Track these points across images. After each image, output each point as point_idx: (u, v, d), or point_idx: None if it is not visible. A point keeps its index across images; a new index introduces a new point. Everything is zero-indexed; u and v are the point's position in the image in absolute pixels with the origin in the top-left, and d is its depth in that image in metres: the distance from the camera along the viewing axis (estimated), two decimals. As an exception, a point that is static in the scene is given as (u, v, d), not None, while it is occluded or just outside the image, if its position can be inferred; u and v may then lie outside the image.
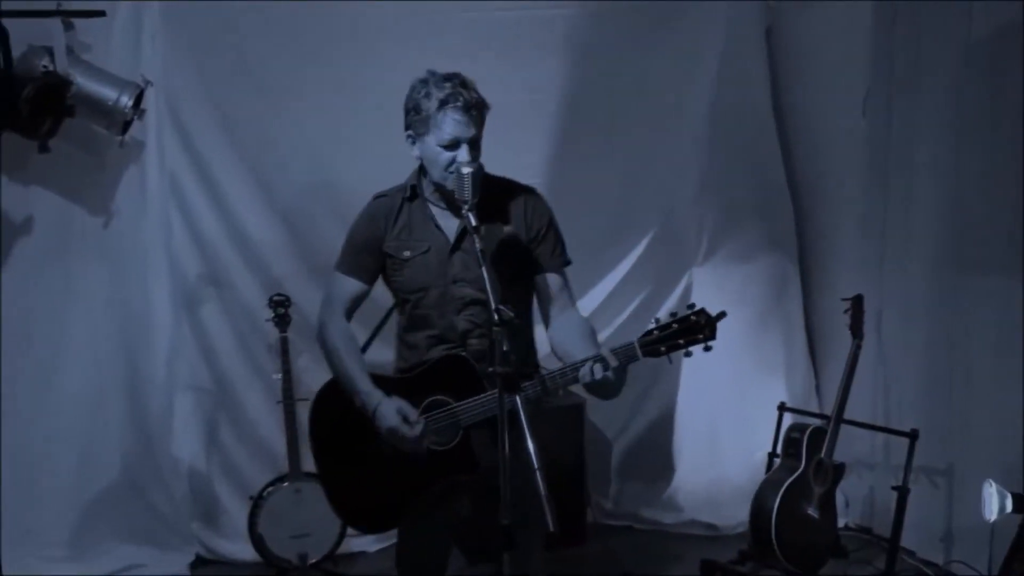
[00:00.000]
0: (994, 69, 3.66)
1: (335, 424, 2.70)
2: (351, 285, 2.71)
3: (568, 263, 2.73)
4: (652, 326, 2.40)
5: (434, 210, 2.66)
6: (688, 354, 2.39)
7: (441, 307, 2.63)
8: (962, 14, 3.80)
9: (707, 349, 2.38)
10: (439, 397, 2.57)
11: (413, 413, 2.54)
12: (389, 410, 2.53)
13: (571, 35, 4.47)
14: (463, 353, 2.58)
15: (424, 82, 2.55)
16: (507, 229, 2.61)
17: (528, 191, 2.71)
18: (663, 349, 2.37)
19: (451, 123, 2.50)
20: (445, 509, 2.68)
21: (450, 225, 2.64)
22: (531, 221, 2.65)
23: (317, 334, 2.74)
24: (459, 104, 2.49)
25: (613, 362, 2.36)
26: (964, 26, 3.80)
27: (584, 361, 2.40)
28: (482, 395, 2.51)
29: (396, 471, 2.60)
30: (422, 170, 2.67)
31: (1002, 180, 3.65)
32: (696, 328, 2.36)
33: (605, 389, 2.44)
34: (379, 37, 4.24)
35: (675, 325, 2.37)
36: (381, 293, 2.84)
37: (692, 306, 2.39)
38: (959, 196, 3.91)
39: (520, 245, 2.62)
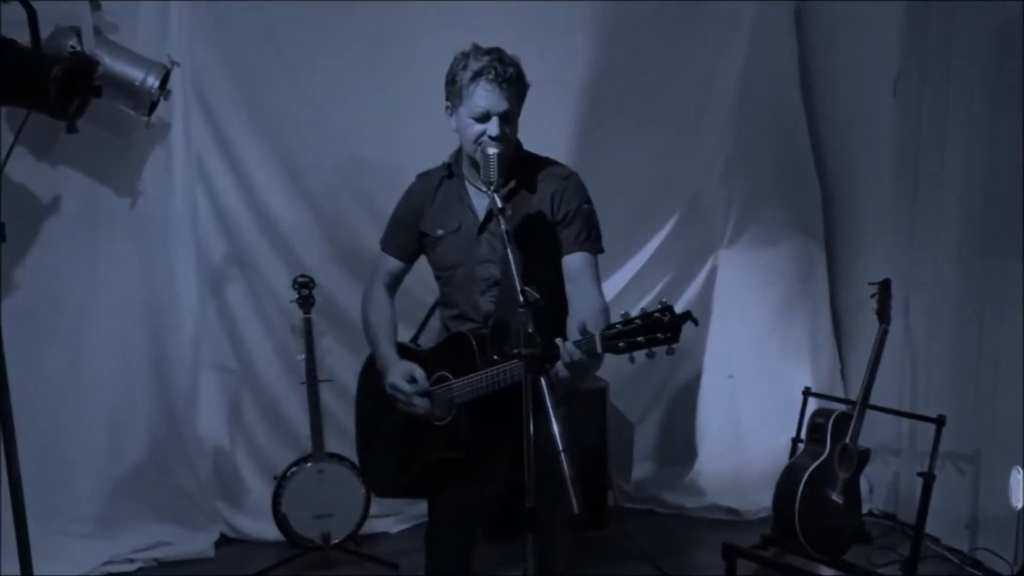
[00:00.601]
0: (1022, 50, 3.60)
1: (370, 394, 2.84)
2: (390, 262, 2.83)
3: (599, 250, 2.68)
4: (617, 320, 2.16)
5: (469, 189, 2.66)
6: (651, 355, 2.11)
7: (467, 286, 2.65)
8: (995, -3, 3.75)
9: (670, 352, 2.10)
10: (443, 373, 2.61)
11: (422, 376, 2.61)
12: (397, 370, 2.64)
13: (599, 16, 4.45)
14: (468, 331, 2.60)
15: (465, 55, 2.55)
16: (534, 210, 2.60)
17: (565, 175, 2.68)
18: (622, 345, 2.11)
19: (482, 94, 2.50)
20: (475, 490, 2.70)
21: (482, 204, 2.64)
22: (559, 203, 2.62)
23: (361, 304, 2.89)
24: (491, 76, 2.48)
25: (576, 355, 2.22)
26: (997, 7, 3.75)
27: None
28: (474, 374, 2.49)
29: (403, 441, 2.70)
30: (460, 149, 2.67)
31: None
32: (658, 326, 2.07)
33: (570, 382, 2.30)
34: (407, 18, 4.24)
35: (638, 321, 2.10)
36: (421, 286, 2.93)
37: (663, 303, 2.11)
38: (989, 180, 3.87)
39: (544, 226, 2.60)
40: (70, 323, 4.10)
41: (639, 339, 2.09)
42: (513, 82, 2.52)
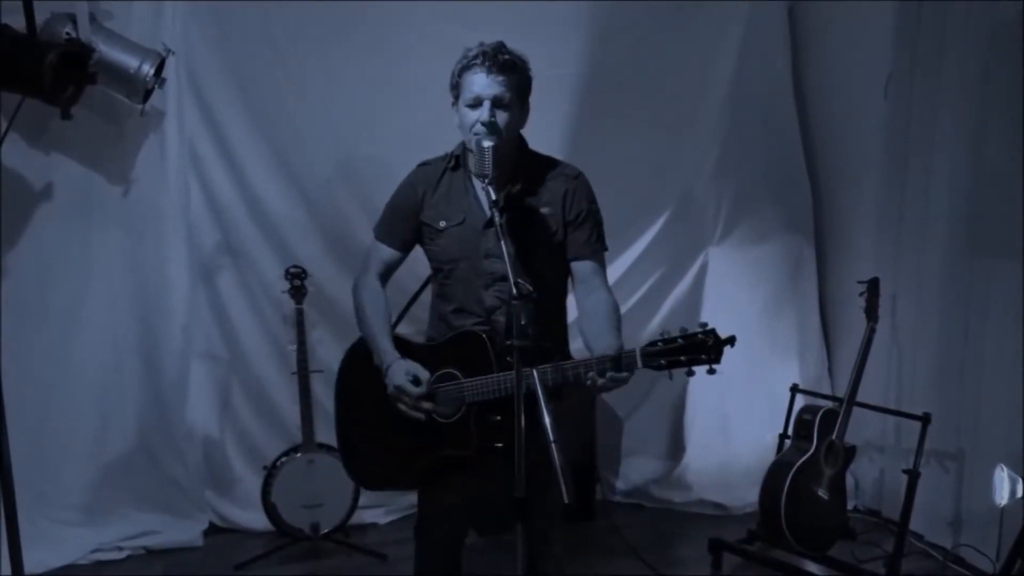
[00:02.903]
0: (1020, 51, 3.62)
1: (357, 381, 2.75)
2: (384, 251, 2.74)
3: (606, 249, 2.74)
4: (657, 337, 2.32)
5: (476, 182, 2.61)
6: (691, 373, 2.30)
7: (471, 280, 2.62)
8: (988, -1, 3.77)
9: (711, 372, 2.29)
10: (450, 370, 2.58)
11: (424, 375, 2.56)
12: (399, 369, 2.56)
13: (594, 13, 4.46)
14: (480, 331, 2.57)
15: (467, 49, 2.55)
16: (544, 210, 2.59)
17: (574, 175, 2.69)
18: (664, 363, 2.28)
19: (473, 80, 2.50)
20: (463, 485, 2.70)
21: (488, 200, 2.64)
22: (570, 204, 2.63)
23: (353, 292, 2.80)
24: (480, 62, 2.49)
25: (616, 371, 2.32)
26: (990, 9, 3.77)
27: (588, 362, 2.37)
28: (488, 375, 2.50)
29: (399, 435, 2.63)
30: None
31: (1020, 167, 3.63)
32: (701, 347, 2.26)
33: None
34: (403, 12, 4.24)
35: (680, 340, 2.27)
36: (417, 266, 2.87)
37: (704, 325, 2.29)
38: (978, 181, 3.90)
39: (554, 225, 2.60)
40: (60, 310, 4.10)
41: (681, 358, 2.26)
42: (506, 69, 2.50)
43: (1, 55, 3.39)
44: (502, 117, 2.49)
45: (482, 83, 2.49)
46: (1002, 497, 3.36)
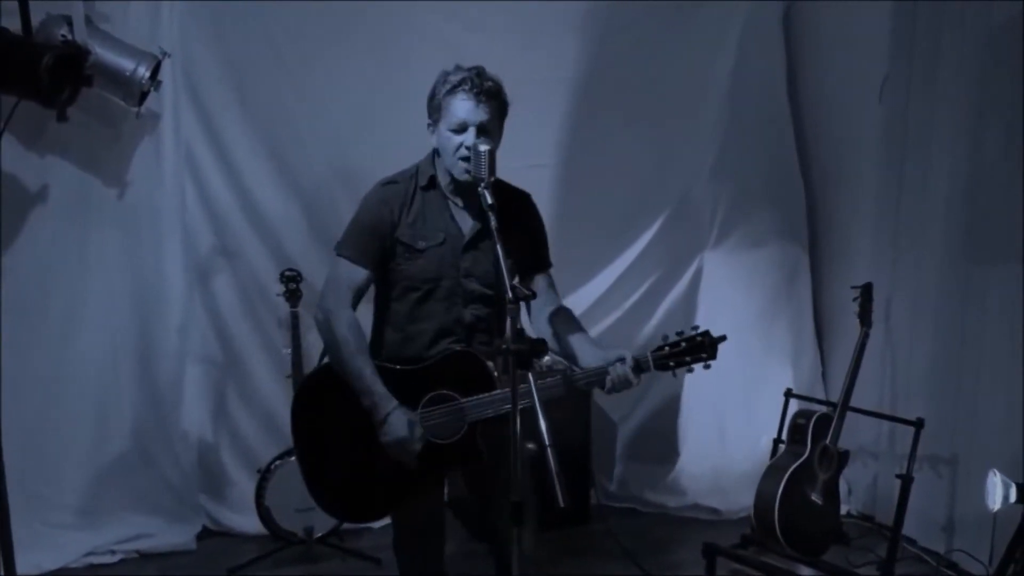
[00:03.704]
0: (1016, 56, 3.64)
1: (325, 413, 2.65)
2: (358, 273, 2.62)
3: (551, 265, 2.83)
4: (663, 342, 2.64)
5: (451, 204, 2.66)
6: (690, 370, 2.67)
7: (451, 299, 2.64)
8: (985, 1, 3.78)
9: (707, 367, 2.67)
10: (442, 392, 2.59)
11: (419, 428, 2.54)
12: (401, 421, 2.51)
13: (591, 16, 4.47)
14: (474, 350, 2.61)
15: (446, 73, 2.58)
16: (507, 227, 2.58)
17: (524, 195, 2.75)
18: (672, 364, 2.64)
19: (459, 106, 2.53)
20: (438, 494, 2.74)
21: (465, 221, 2.66)
22: (527, 223, 2.73)
23: (320, 320, 2.64)
24: (468, 88, 2.52)
25: (633, 374, 2.58)
26: (986, 12, 3.78)
27: (603, 368, 2.55)
28: (491, 392, 2.56)
29: (389, 465, 2.58)
30: (435, 158, 2.67)
31: (1017, 170, 3.64)
32: (701, 347, 2.63)
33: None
34: (403, 13, 4.25)
35: (683, 344, 2.63)
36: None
37: (696, 328, 2.67)
38: (974, 186, 3.90)
39: (516, 243, 2.60)
40: (57, 312, 4.10)
41: (686, 359, 2.63)
42: (492, 95, 2.55)
43: (-3, 57, 3.39)
44: (485, 144, 2.48)
45: (468, 109, 2.53)
46: (995, 502, 3.36)
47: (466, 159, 2.52)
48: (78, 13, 3.66)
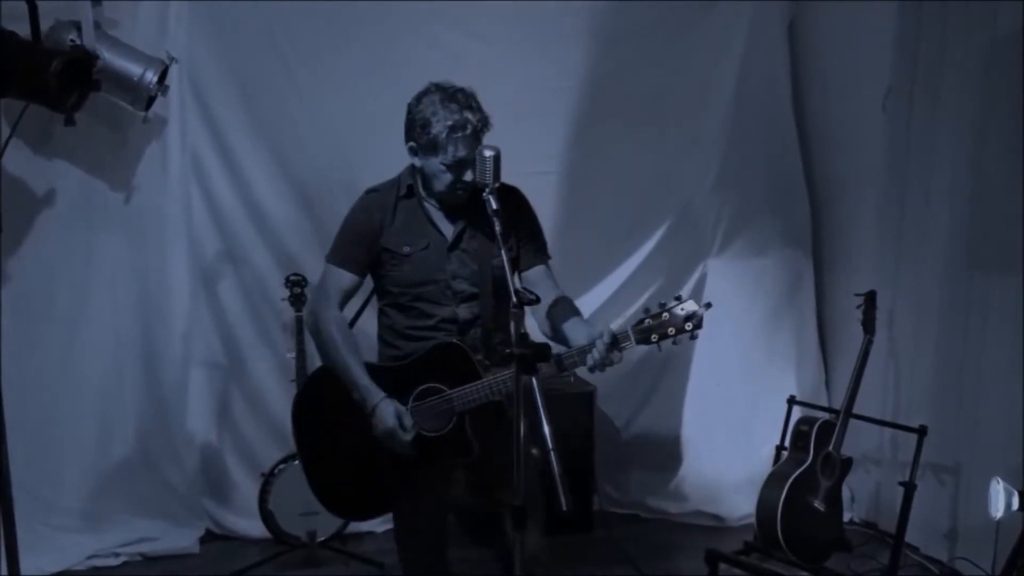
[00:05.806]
0: (1019, 67, 3.65)
1: (324, 413, 2.75)
2: (345, 278, 2.73)
3: (550, 257, 2.83)
4: (644, 315, 2.49)
5: (430, 211, 2.72)
6: (676, 343, 2.49)
7: (443, 299, 2.68)
8: (988, 11, 3.78)
9: (693, 338, 2.49)
10: (432, 385, 2.62)
11: (408, 418, 2.60)
12: (388, 411, 2.58)
13: (596, 24, 4.48)
14: (457, 340, 2.64)
15: (431, 100, 2.59)
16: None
17: (512, 190, 2.76)
18: (655, 338, 2.46)
19: (459, 147, 2.57)
20: (439, 490, 2.75)
21: (446, 226, 2.71)
22: (519, 219, 2.74)
23: (309, 323, 2.79)
24: (468, 131, 2.56)
25: (612, 349, 2.44)
26: (990, 23, 3.79)
27: (586, 347, 2.47)
28: (477, 382, 2.57)
29: (388, 460, 2.65)
30: (415, 169, 2.71)
31: (1020, 180, 3.64)
32: (683, 318, 2.47)
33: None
34: (406, 20, 4.28)
35: (665, 315, 2.47)
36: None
37: (679, 297, 2.49)
38: (976, 195, 3.91)
39: (518, 241, 2.72)
40: (62, 316, 4.12)
41: (669, 330, 2.45)
42: (484, 126, 2.60)
43: (6, 62, 3.42)
44: (491, 150, 2.49)
45: (469, 147, 2.56)
46: (998, 510, 3.36)
47: (464, 189, 2.61)
48: (87, 18, 3.69)
